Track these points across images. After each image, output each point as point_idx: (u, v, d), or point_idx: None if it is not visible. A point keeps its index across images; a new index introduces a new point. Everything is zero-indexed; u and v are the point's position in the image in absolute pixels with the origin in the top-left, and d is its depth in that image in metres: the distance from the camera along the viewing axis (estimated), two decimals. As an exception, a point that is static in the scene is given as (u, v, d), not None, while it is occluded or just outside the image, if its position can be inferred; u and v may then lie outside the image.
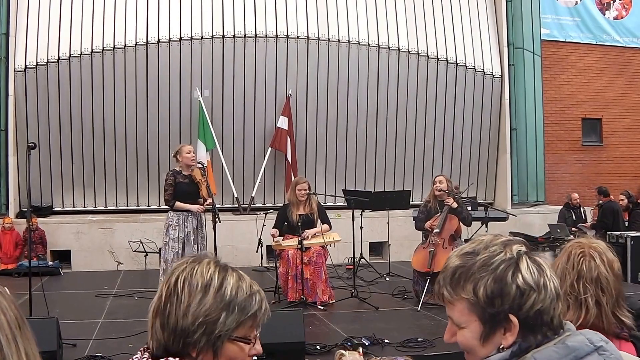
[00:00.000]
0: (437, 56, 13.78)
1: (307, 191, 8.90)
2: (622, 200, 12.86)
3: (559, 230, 12.27)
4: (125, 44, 12.43)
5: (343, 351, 1.97)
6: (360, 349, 2.01)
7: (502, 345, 1.52)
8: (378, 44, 13.39)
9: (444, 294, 1.60)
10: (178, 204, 8.34)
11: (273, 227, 9.03)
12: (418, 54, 13.64)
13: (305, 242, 8.54)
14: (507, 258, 1.54)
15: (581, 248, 2.33)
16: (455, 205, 8.86)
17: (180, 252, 8.27)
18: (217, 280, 1.59)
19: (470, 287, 1.54)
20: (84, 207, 12.88)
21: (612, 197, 13.12)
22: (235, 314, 1.58)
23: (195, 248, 8.33)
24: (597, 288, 2.25)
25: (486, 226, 9.52)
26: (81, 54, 12.33)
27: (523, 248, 1.57)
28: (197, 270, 1.60)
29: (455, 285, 1.57)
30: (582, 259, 2.30)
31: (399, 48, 13.50)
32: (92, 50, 12.35)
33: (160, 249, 11.08)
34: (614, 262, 2.32)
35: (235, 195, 12.90)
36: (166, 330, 1.58)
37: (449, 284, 1.59)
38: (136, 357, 1.62)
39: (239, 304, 1.59)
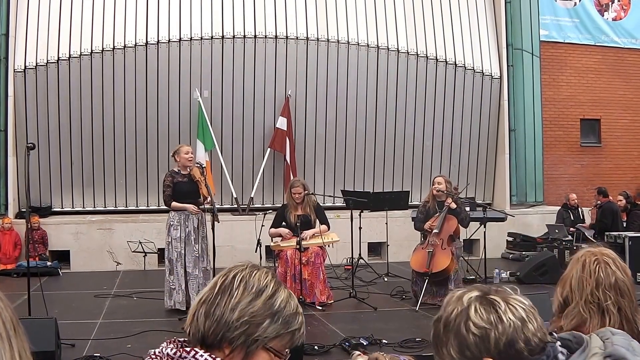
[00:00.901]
0: (436, 57, 13.79)
1: (302, 194, 8.91)
2: (621, 201, 12.88)
3: (557, 231, 12.29)
4: (124, 44, 12.44)
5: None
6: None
7: None
8: (377, 45, 13.40)
9: None
10: (174, 204, 8.34)
11: (271, 227, 9.06)
12: (417, 55, 13.65)
13: (303, 242, 8.57)
14: (459, 312, 1.61)
15: (594, 255, 2.36)
16: (454, 205, 8.89)
17: (182, 251, 8.27)
18: (270, 289, 1.66)
19: (445, 351, 1.62)
20: (83, 207, 12.89)
21: (610, 197, 13.15)
22: (278, 325, 1.64)
23: (197, 247, 8.32)
24: (616, 294, 2.27)
25: (484, 227, 9.54)
26: (81, 54, 12.34)
27: (474, 294, 1.62)
28: (255, 274, 1.67)
29: (438, 353, 1.66)
30: (597, 266, 2.32)
31: (398, 49, 13.52)
32: (91, 50, 12.36)
33: (159, 249, 11.13)
34: (626, 268, 2.35)
35: (234, 195, 12.91)
36: (209, 319, 1.62)
37: (436, 355, 1.68)
38: (162, 346, 1.65)
39: (284, 317, 1.65)
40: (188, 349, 1.60)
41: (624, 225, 12.75)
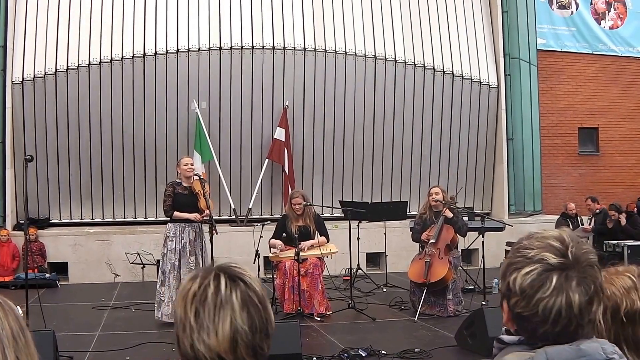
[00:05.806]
0: (434, 67, 13.83)
1: (302, 204, 8.93)
2: (614, 215, 12.56)
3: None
4: (122, 55, 12.45)
5: None
6: None
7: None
8: (374, 55, 13.43)
9: None
10: (176, 213, 8.35)
11: (272, 238, 9.06)
12: (414, 64, 13.68)
13: (302, 253, 8.56)
14: (529, 255, 1.55)
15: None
16: (450, 215, 8.90)
17: (177, 263, 8.26)
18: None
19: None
20: (81, 219, 12.87)
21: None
22: None
23: (192, 260, 8.29)
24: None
25: (483, 236, 9.53)
26: (79, 66, 12.36)
27: (551, 259, 1.53)
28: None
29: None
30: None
31: (395, 59, 13.55)
32: (89, 62, 12.38)
33: (157, 260, 11.11)
34: None
35: (233, 206, 12.90)
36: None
37: None
38: None
39: None
40: None
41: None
